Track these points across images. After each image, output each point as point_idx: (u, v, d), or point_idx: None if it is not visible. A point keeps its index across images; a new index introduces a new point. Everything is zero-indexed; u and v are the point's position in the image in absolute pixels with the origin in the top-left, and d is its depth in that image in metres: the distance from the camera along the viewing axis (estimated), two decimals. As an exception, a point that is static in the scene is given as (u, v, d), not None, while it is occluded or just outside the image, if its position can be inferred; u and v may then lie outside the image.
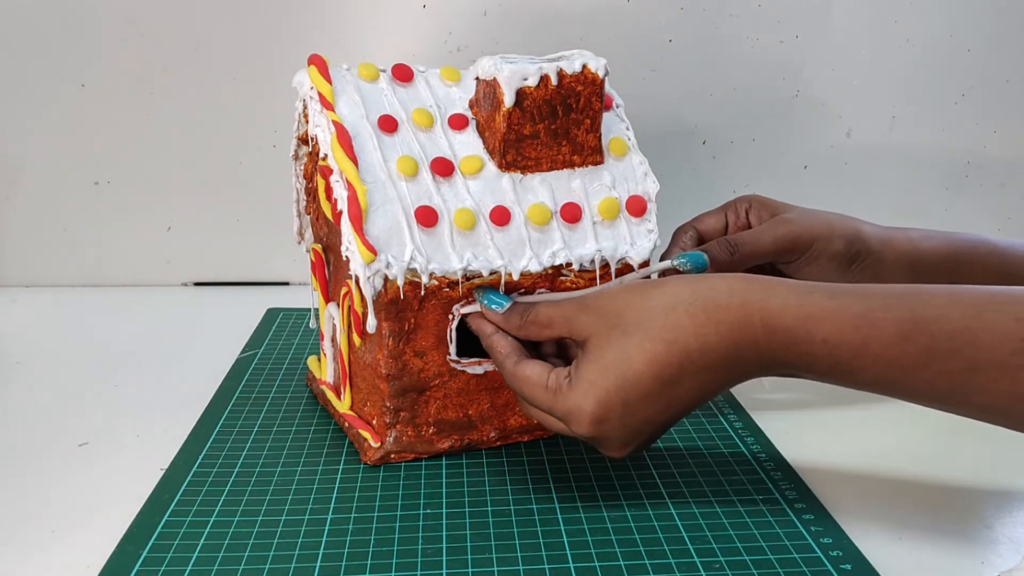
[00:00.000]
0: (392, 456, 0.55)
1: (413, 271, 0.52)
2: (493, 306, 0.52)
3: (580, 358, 0.47)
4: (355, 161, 0.53)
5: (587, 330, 0.47)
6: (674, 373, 0.45)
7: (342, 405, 0.59)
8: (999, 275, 0.60)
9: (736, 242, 0.57)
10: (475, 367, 0.55)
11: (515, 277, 0.54)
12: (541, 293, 0.54)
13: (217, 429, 0.59)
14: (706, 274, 0.48)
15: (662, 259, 0.57)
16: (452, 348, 0.54)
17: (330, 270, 0.61)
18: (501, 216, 0.54)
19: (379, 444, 0.55)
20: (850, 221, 0.61)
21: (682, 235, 0.61)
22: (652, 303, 0.46)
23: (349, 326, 0.56)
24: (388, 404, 0.54)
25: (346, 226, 0.51)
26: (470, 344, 0.55)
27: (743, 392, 0.66)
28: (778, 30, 0.88)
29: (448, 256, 0.53)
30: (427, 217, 0.52)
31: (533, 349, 0.52)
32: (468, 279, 0.53)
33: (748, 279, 0.46)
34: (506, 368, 0.50)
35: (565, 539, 0.47)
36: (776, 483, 0.53)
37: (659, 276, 0.52)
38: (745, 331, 0.44)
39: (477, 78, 0.56)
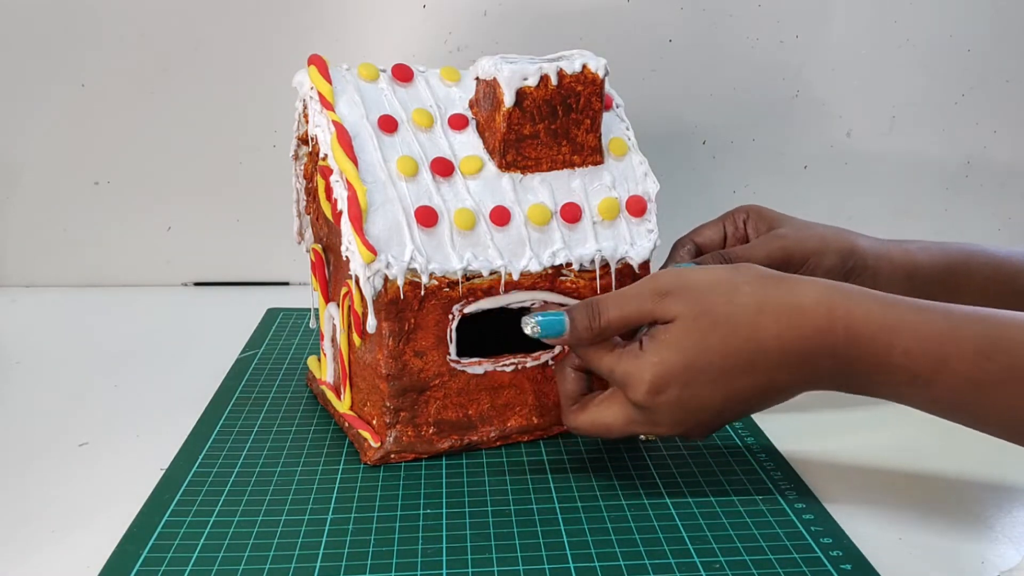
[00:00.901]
0: (392, 456, 0.55)
1: (413, 271, 0.52)
2: (552, 332, 0.49)
3: (660, 330, 0.47)
4: (355, 161, 0.53)
5: (674, 312, 0.47)
6: (744, 365, 0.45)
7: (342, 405, 0.59)
8: (997, 284, 0.60)
9: (729, 256, 0.58)
10: (475, 367, 0.55)
11: (515, 277, 0.54)
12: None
13: (217, 429, 0.59)
14: (792, 275, 0.48)
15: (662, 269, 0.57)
16: (452, 348, 0.54)
17: (330, 270, 0.61)
18: (501, 216, 0.54)
19: (379, 444, 0.55)
20: (845, 235, 0.61)
21: (680, 249, 0.61)
22: (742, 300, 0.46)
23: (349, 326, 0.57)
24: (388, 404, 0.54)
25: (346, 226, 0.51)
26: (470, 344, 0.55)
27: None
28: (778, 30, 0.88)
29: (448, 256, 0.53)
30: (427, 217, 0.52)
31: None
32: (468, 279, 0.53)
33: (835, 285, 0.46)
34: (586, 354, 0.50)
35: (565, 539, 0.47)
36: (776, 483, 0.53)
37: None
38: (826, 337, 0.44)
39: (477, 78, 0.56)
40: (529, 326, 0.49)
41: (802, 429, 0.61)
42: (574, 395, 0.52)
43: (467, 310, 0.54)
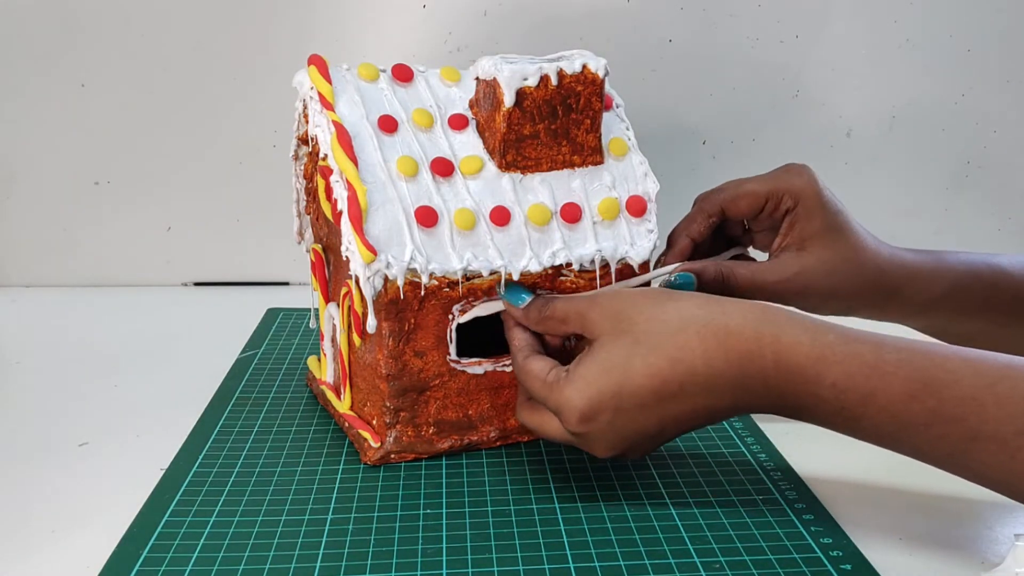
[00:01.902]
0: (392, 456, 0.55)
1: (413, 271, 0.52)
2: (514, 301, 0.52)
3: (584, 354, 0.47)
4: (355, 161, 0.53)
5: (598, 329, 0.47)
6: (674, 390, 0.45)
7: (342, 405, 0.59)
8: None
9: (728, 276, 0.55)
10: (475, 367, 0.55)
11: (515, 277, 0.54)
12: (549, 292, 0.54)
13: (217, 429, 0.59)
14: (722, 298, 0.47)
15: (672, 240, 0.58)
16: (452, 348, 0.54)
17: (330, 270, 0.61)
18: (501, 216, 0.54)
19: (379, 444, 0.55)
20: (892, 268, 0.57)
21: (700, 217, 0.57)
22: (665, 317, 0.46)
23: (349, 326, 0.56)
24: (388, 404, 0.54)
25: (346, 226, 0.51)
26: (470, 344, 0.55)
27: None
28: (778, 30, 0.88)
29: (448, 256, 0.53)
30: (427, 217, 0.52)
31: (560, 356, 0.52)
32: (468, 279, 0.53)
33: (764, 309, 0.45)
34: (516, 361, 0.51)
35: (565, 539, 0.47)
36: (776, 483, 0.53)
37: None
38: (755, 362, 0.44)
39: (477, 78, 0.56)
40: (499, 287, 0.53)
41: (803, 430, 0.60)
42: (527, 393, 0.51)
43: (461, 320, 0.54)
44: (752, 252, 0.61)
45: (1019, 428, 0.39)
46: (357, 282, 0.52)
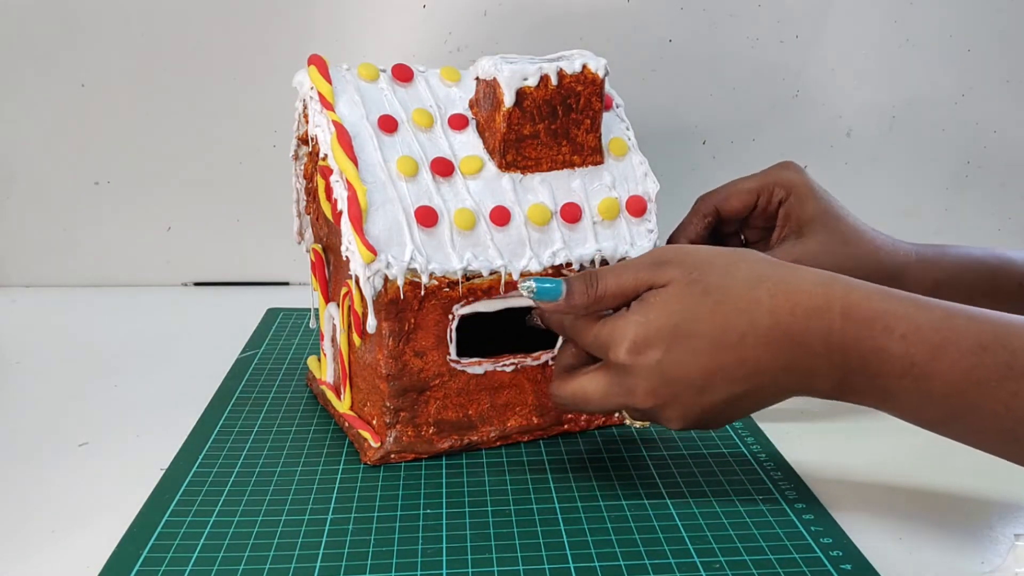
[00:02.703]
0: (392, 456, 0.55)
1: (413, 271, 0.52)
2: (548, 296, 0.48)
3: (651, 293, 0.46)
4: (355, 161, 0.53)
5: (668, 278, 0.46)
6: (733, 340, 0.44)
7: (342, 405, 0.59)
8: None
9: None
10: (475, 367, 0.55)
11: (515, 277, 0.54)
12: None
13: (217, 429, 0.59)
14: (795, 264, 0.47)
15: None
16: (452, 348, 0.54)
17: (330, 270, 0.61)
18: (501, 216, 0.54)
19: (379, 444, 0.55)
20: (893, 255, 0.58)
21: (695, 216, 0.59)
22: (739, 274, 0.45)
23: (349, 326, 0.57)
24: (388, 404, 0.54)
25: (346, 226, 0.51)
26: (470, 344, 0.55)
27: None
28: (778, 30, 0.88)
29: (448, 256, 0.53)
30: (427, 217, 0.52)
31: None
32: (468, 279, 0.53)
33: (835, 274, 0.45)
34: (566, 323, 0.49)
35: (565, 539, 0.47)
36: (776, 483, 0.53)
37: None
38: (822, 318, 0.43)
39: (477, 78, 0.56)
40: (525, 288, 0.48)
41: (803, 430, 0.61)
42: (566, 367, 0.51)
43: (466, 311, 0.54)
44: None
45: None
46: (357, 282, 0.52)
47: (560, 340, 0.54)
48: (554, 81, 0.53)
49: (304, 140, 0.60)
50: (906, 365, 0.41)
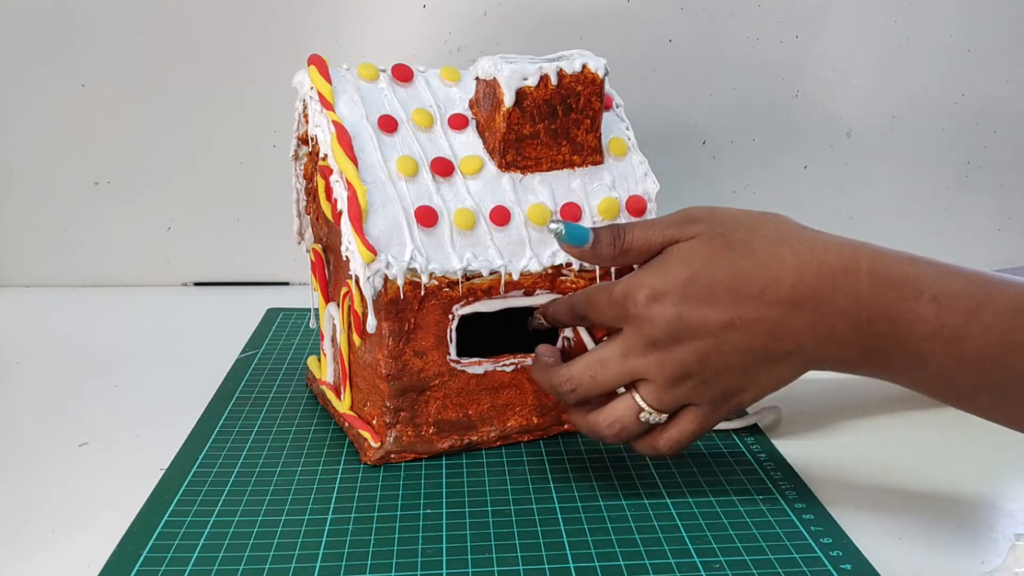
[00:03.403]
0: (392, 456, 0.55)
1: (413, 271, 0.52)
2: (575, 240, 0.48)
3: (674, 247, 0.45)
4: (355, 161, 0.53)
5: (694, 232, 0.45)
6: (754, 292, 0.42)
7: (342, 405, 0.59)
8: None
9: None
10: (475, 367, 0.55)
11: (515, 277, 0.54)
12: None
13: (217, 429, 0.59)
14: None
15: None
16: (452, 348, 0.54)
17: (330, 270, 0.61)
18: (501, 216, 0.54)
19: (379, 444, 0.55)
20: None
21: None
22: (765, 231, 0.44)
23: (349, 326, 0.56)
24: (388, 404, 0.54)
25: (346, 226, 0.51)
26: (470, 344, 0.55)
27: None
28: (778, 30, 0.88)
29: (448, 256, 0.53)
30: (427, 217, 0.52)
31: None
32: (468, 279, 0.53)
33: (861, 241, 0.44)
34: (576, 296, 0.49)
35: (565, 539, 0.47)
36: (776, 483, 0.53)
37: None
38: (848, 278, 0.41)
39: (477, 78, 0.56)
40: (554, 229, 0.48)
41: (803, 430, 0.61)
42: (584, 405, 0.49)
43: (466, 311, 0.54)
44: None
45: None
46: (357, 282, 0.52)
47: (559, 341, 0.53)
48: (554, 81, 0.53)
49: (304, 140, 0.60)
50: (936, 327, 0.39)
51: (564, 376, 0.48)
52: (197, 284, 0.92)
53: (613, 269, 0.55)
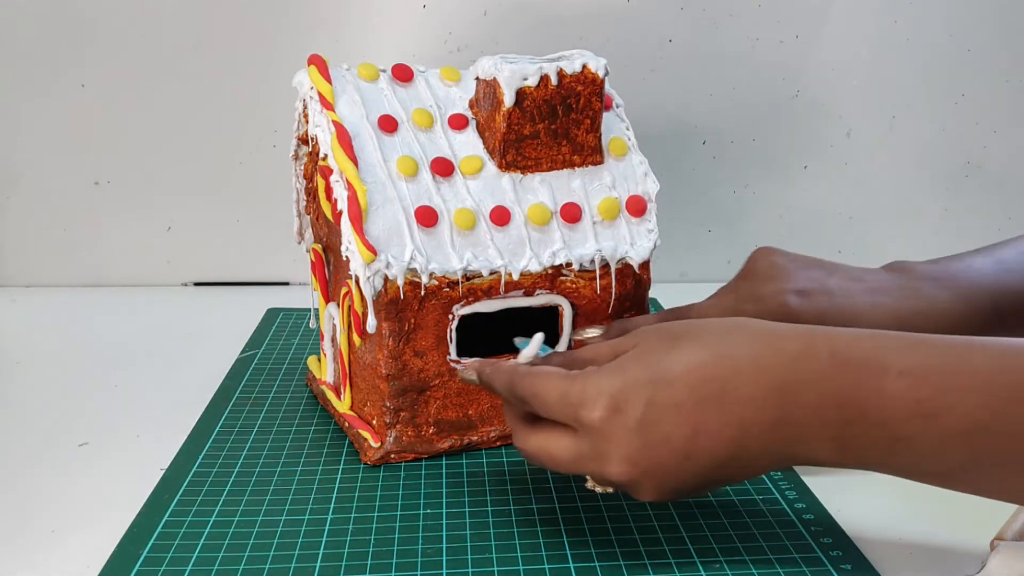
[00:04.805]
0: (392, 456, 0.55)
1: (413, 271, 0.52)
2: (541, 353, 0.47)
3: (623, 356, 0.42)
4: (355, 161, 0.53)
5: (636, 342, 0.42)
6: (714, 390, 0.39)
7: (342, 405, 0.59)
8: None
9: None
10: (475, 367, 0.55)
11: (515, 277, 0.54)
12: None
13: (217, 429, 0.59)
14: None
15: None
16: (452, 348, 0.54)
17: (330, 270, 0.61)
18: (501, 216, 0.54)
19: (379, 444, 0.55)
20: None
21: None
22: (713, 323, 0.42)
23: (349, 326, 0.57)
24: (388, 404, 0.54)
25: (346, 226, 0.51)
26: (470, 344, 0.55)
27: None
28: (778, 30, 0.88)
29: (448, 256, 0.53)
30: (427, 217, 0.52)
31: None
32: (468, 279, 0.53)
33: (812, 325, 0.41)
34: (516, 376, 0.44)
35: (565, 539, 0.47)
36: (776, 483, 0.53)
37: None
38: (808, 363, 0.38)
39: (477, 78, 0.56)
40: (524, 346, 0.47)
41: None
42: (524, 416, 0.45)
43: (466, 311, 0.54)
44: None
45: None
46: (357, 282, 0.52)
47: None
48: (554, 81, 0.53)
49: (304, 140, 0.60)
50: (910, 404, 0.36)
51: (516, 444, 0.45)
52: (197, 284, 0.92)
53: (612, 270, 0.55)
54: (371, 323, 0.52)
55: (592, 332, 0.54)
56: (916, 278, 0.52)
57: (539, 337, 0.47)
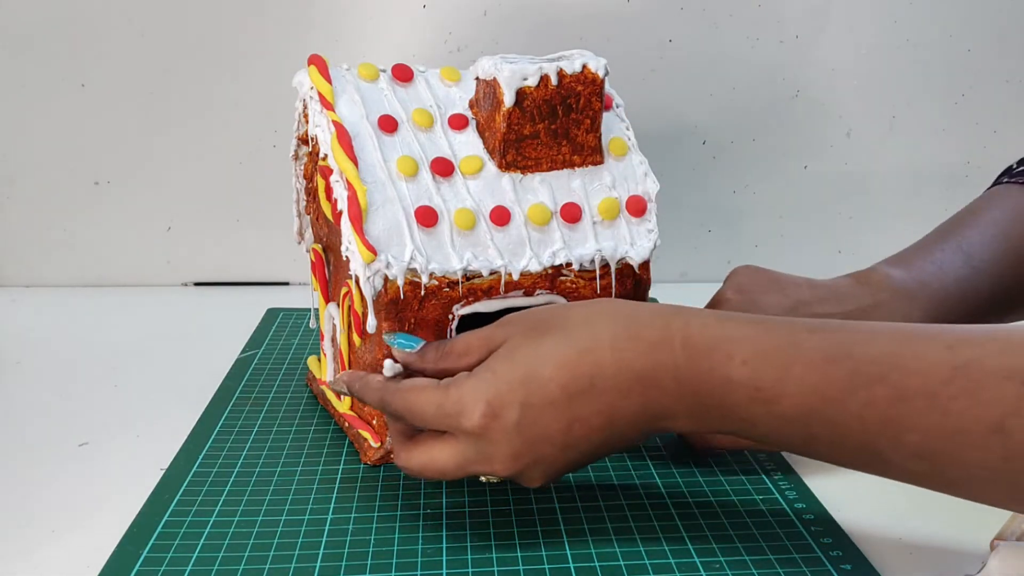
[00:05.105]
0: (392, 456, 0.55)
1: (413, 271, 0.52)
2: (405, 348, 0.48)
3: (493, 355, 0.44)
4: (355, 161, 0.53)
5: (505, 336, 0.44)
6: (584, 385, 0.42)
7: (342, 405, 0.59)
8: None
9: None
10: (475, 367, 0.55)
11: (515, 277, 0.54)
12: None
13: (217, 429, 0.59)
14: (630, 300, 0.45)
15: None
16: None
17: (330, 270, 0.61)
18: (501, 216, 0.54)
19: (379, 444, 0.55)
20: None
21: None
22: (574, 311, 0.44)
23: (349, 326, 0.57)
24: (388, 404, 0.54)
25: (346, 226, 0.51)
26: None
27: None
28: (778, 30, 0.88)
29: (448, 256, 0.53)
30: (427, 217, 0.52)
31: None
32: (468, 279, 0.53)
33: (674, 306, 0.44)
34: (388, 393, 0.46)
35: (565, 539, 0.47)
36: (776, 483, 0.53)
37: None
38: (664, 352, 0.41)
39: (477, 78, 0.56)
40: (388, 337, 0.49)
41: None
42: (405, 432, 0.46)
43: (466, 311, 0.54)
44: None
45: (944, 377, 0.35)
46: (357, 282, 0.52)
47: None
48: (554, 81, 0.53)
49: (304, 140, 0.60)
50: (751, 391, 0.39)
51: (398, 463, 0.46)
52: (197, 284, 0.92)
53: (613, 270, 0.55)
54: (371, 323, 0.52)
55: None
56: (884, 291, 0.54)
57: (388, 363, 0.48)
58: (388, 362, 0.48)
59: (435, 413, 0.43)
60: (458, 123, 0.57)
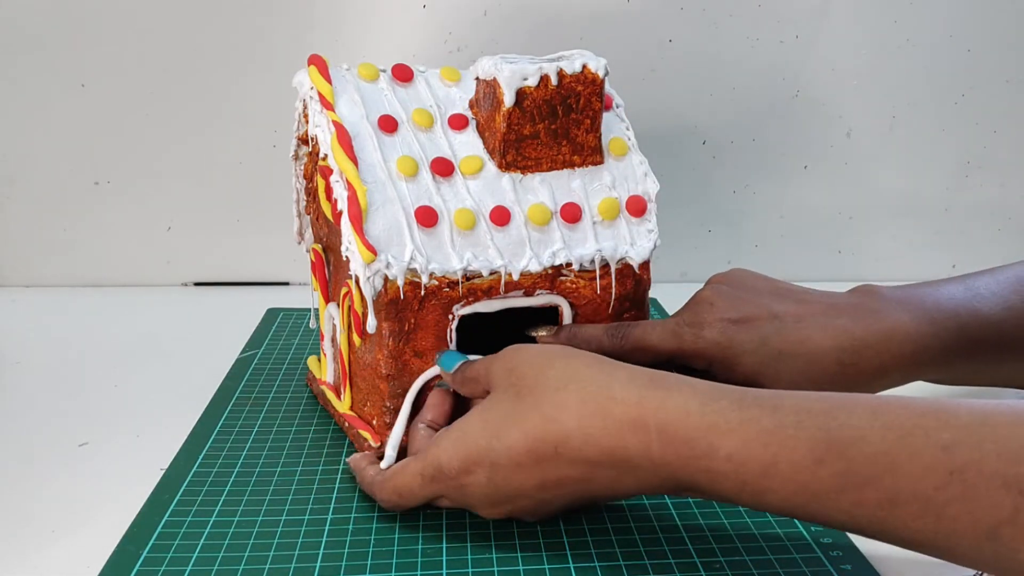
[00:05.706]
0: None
1: (413, 271, 0.52)
2: (447, 366, 0.52)
3: (473, 408, 0.47)
4: (355, 161, 0.53)
5: (493, 382, 0.46)
6: (549, 453, 0.42)
7: (342, 405, 0.59)
8: None
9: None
10: (475, 367, 0.55)
11: (515, 277, 0.54)
12: None
13: (217, 429, 0.59)
14: (616, 361, 0.44)
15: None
16: (452, 348, 0.54)
17: (330, 270, 0.61)
18: (501, 216, 0.54)
19: (379, 444, 0.55)
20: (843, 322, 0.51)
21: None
22: (551, 373, 0.43)
23: (349, 326, 0.57)
24: (388, 404, 0.54)
25: (346, 226, 0.51)
26: (470, 344, 0.55)
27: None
28: (778, 30, 0.88)
29: (448, 256, 0.53)
30: (427, 217, 0.52)
31: None
32: (468, 279, 0.53)
33: (653, 374, 0.42)
34: (376, 486, 0.49)
35: (565, 539, 0.47)
36: (776, 483, 0.53)
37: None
38: (637, 434, 0.40)
39: (477, 78, 0.56)
40: (440, 356, 0.53)
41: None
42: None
43: (466, 311, 0.54)
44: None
45: (939, 482, 0.34)
46: (357, 282, 0.52)
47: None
48: (554, 81, 0.53)
49: (304, 140, 0.60)
50: (738, 484, 0.39)
51: (378, 497, 0.49)
52: (197, 284, 0.92)
53: (613, 270, 0.55)
54: (371, 323, 0.52)
55: (543, 332, 0.55)
56: (878, 299, 0.53)
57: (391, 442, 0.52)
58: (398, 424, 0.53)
59: (421, 486, 0.46)
60: (458, 123, 0.57)
